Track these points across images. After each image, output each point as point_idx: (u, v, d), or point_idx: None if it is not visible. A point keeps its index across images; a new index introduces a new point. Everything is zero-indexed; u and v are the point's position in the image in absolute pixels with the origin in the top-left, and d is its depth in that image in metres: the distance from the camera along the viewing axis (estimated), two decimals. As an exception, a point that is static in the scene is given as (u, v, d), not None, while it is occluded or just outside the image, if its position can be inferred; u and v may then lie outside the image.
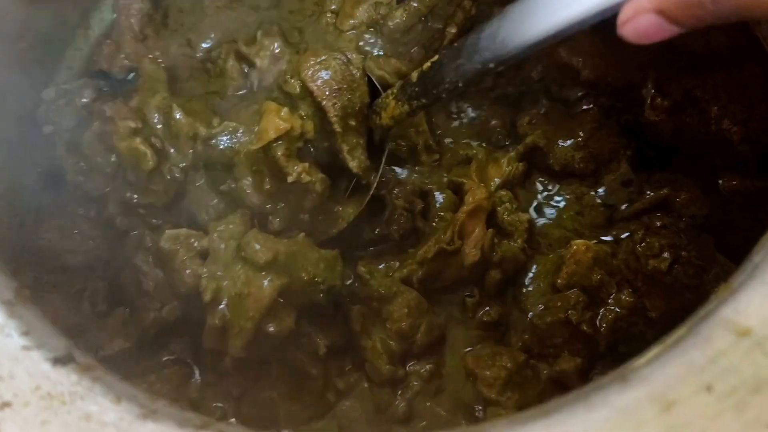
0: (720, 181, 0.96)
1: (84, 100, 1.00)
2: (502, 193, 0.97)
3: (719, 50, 0.99)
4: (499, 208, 0.95)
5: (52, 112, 0.99)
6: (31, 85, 1.01)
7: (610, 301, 0.91)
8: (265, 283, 0.82)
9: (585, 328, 0.89)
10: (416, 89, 0.85)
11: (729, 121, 0.97)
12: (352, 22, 1.07)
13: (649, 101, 1.00)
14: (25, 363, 0.58)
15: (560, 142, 1.01)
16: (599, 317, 0.91)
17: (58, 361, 0.58)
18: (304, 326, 0.89)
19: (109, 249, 0.96)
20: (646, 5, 0.47)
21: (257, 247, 0.83)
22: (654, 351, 0.54)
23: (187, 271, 0.86)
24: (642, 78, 1.02)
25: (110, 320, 0.92)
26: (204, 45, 1.07)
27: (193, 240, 0.88)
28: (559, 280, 0.92)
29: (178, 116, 0.93)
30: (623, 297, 0.91)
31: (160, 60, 1.05)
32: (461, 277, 0.94)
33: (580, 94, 1.05)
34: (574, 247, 0.92)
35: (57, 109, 0.99)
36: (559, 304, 0.91)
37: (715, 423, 0.49)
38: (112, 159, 0.93)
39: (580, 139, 1.01)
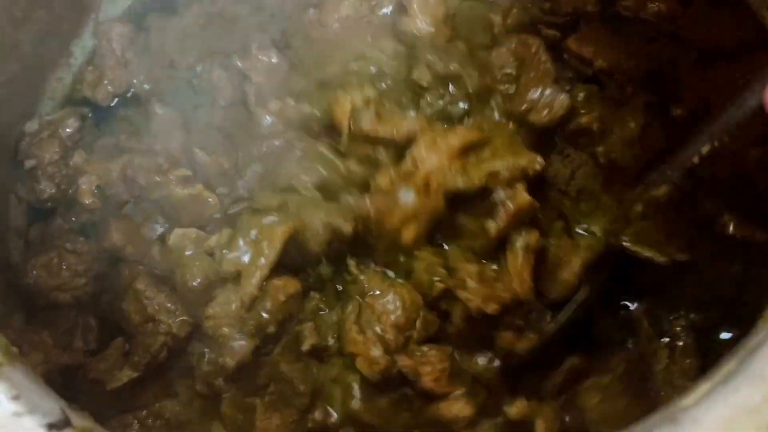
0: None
1: (68, 130, 0.96)
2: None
3: (728, 42, 0.96)
4: None
5: (34, 146, 0.94)
6: (12, 118, 0.96)
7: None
8: (277, 224, 0.86)
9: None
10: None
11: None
12: (336, 16, 1.02)
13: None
14: (17, 432, 0.53)
15: (616, 132, 0.93)
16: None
17: (54, 426, 0.53)
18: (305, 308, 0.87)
19: (102, 282, 0.91)
20: None
21: (266, 194, 0.90)
22: (703, 388, 0.50)
23: (197, 263, 0.87)
24: (657, 66, 0.95)
25: (109, 352, 0.87)
26: (187, 63, 1.01)
27: (200, 239, 0.88)
28: None
29: (201, 156, 0.94)
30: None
31: (145, 84, 1.00)
32: None
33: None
34: None
35: (39, 142, 0.94)
36: None
37: (779, 469, 0.45)
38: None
39: (633, 131, 0.93)
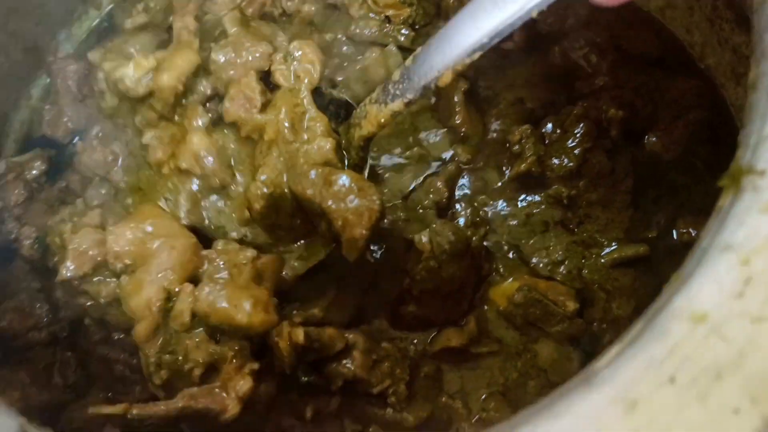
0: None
1: (34, 172, 1.00)
2: None
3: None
4: None
5: (0, 188, 0.98)
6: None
7: None
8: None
9: None
10: (401, 86, 0.81)
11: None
12: None
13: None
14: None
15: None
16: None
17: (11, 442, 0.56)
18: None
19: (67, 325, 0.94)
20: None
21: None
22: (614, 350, 0.53)
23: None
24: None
25: (91, 399, 0.90)
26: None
27: None
28: None
29: None
30: None
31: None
32: None
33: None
34: None
35: (4, 184, 0.98)
36: None
37: (681, 416, 0.48)
38: None
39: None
